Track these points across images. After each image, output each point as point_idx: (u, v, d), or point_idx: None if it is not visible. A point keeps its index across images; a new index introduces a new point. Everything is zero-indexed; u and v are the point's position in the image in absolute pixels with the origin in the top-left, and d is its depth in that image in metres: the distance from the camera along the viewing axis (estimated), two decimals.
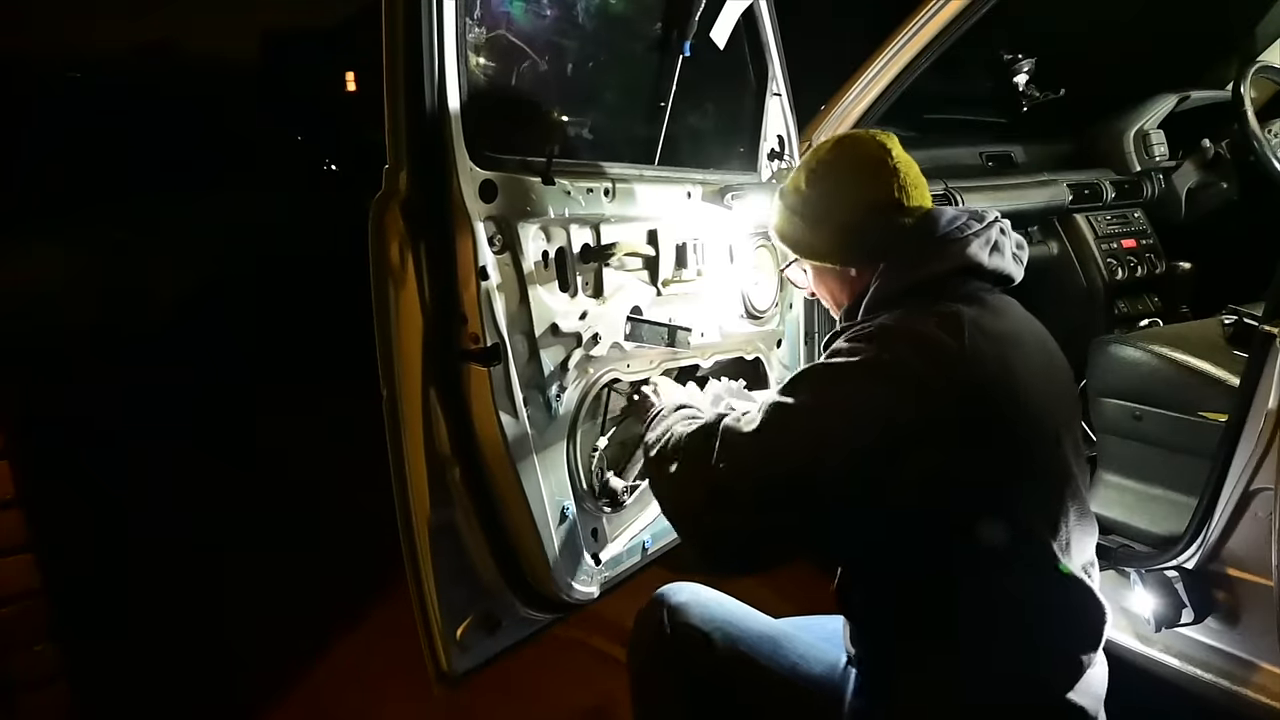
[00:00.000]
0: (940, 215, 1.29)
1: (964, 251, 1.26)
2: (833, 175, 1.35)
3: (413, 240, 1.28)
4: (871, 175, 1.31)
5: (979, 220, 1.30)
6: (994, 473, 1.16)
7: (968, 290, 1.26)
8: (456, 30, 1.27)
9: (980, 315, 1.21)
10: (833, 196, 1.34)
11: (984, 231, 1.29)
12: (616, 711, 2.18)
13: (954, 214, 1.30)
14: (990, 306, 1.25)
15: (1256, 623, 1.61)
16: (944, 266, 1.25)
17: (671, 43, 1.79)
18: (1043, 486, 1.20)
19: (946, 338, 1.16)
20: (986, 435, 1.15)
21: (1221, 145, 2.88)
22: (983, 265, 1.27)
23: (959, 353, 1.15)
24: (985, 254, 1.28)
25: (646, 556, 1.75)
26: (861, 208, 1.31)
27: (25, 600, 1.87)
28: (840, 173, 1.34)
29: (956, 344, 1.15)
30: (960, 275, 1.26)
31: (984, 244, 1.28)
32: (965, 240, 1.27)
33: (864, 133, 1.39)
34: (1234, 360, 1.82)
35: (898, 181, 1.31)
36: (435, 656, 1.41)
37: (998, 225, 1.32)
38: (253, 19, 7.66)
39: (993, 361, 1.17)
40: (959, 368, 1.14)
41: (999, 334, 1.21)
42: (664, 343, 1.70)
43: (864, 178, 1.32)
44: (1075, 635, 1.22)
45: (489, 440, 1.38)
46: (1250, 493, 1.54)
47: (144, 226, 4.96)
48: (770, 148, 2.09)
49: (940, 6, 2.10)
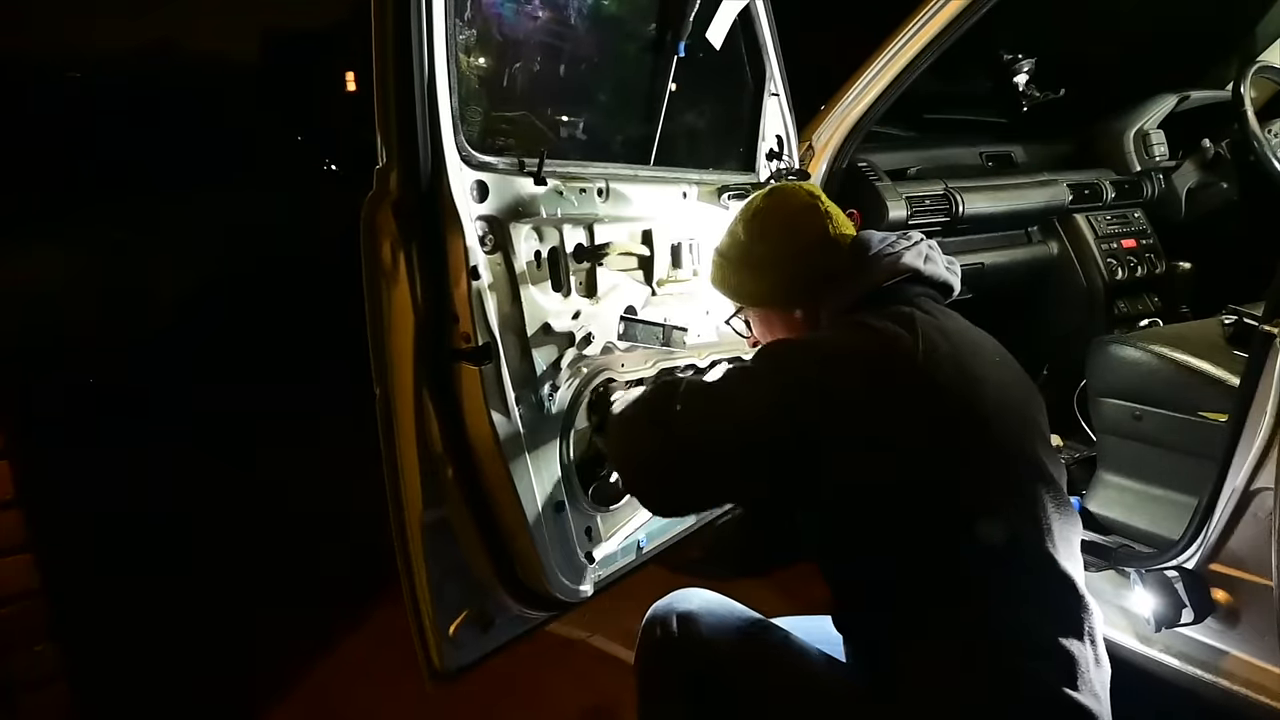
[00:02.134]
0: (869, 236, 1.40)
1: (899, 261, 1.36)
2: (771, 223, 1.45)
3: (404, 240, 1.28)
4: (806, 219, 1.43)
5: (906, 239, 1.41)
6: (960, 467, 1.20)
7: (912, 295, 1.34)
8: (447, 30, 1.27)
9: (930, 317, 1.29)
10: (772, 242, 1.44)
11: (914, 246, 1.39)
12: (616, 711, 2.17)
13: (880, 235, 1.41)
14: (937, 310, 1.34)
15: (1256, 623, 1.61)
16: (883, 275, 1.34)
17: (666, 43, 1.79)
18: (1013, 478, 1.23)
19: (903, 333, 1.23)
20: (953, 431, 1.20)
21: (1221, 145, 2.88)
22: (920, 270, 1.36)
23: (913, 347, 1.22)
24: (921, 261, 1.37)
25: (641, 555, 1.75)
26: (801, 250, 1.42)
27: (25, 600, 1.88)
28: (778, 220, 1.45)
29: (912, 338, 1.23)
30: (902, 282, 1.35)
31: (917, 254, 1.38)
32: (898, 253, 1.37)
33: (790, 184, 1.54)
34: (1234, 360, 1.82)
35: (830, 222, 1.43)
36: (428, 653, 1.41)
37: (925, 242, 1.43)
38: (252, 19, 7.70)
39: (948, 358, 1.23)
40: (917, 362, 1.21)
41: (951, 331, 1.29)
42: (659, 342, 1.70)
43: (800, 222, 1.43)
44: (1065, 628, 1.21)
45: (481, 439, 1.38)
46: (1250, 493, 1.54)
47: (144, 226, 4.98)
48: (769, 148, 2.08)
49: (940, 6, 2.09)
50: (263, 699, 2.23)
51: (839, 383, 1.20)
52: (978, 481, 1.21)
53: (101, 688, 2.12)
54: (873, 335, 1.25)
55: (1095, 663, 1.22)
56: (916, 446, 1.18)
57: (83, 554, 2.76)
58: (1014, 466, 1.24)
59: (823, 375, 1.21)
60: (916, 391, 1.20)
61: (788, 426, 1.18)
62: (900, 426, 1.18)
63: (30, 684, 1.89)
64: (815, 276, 1.39)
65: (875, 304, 1.32)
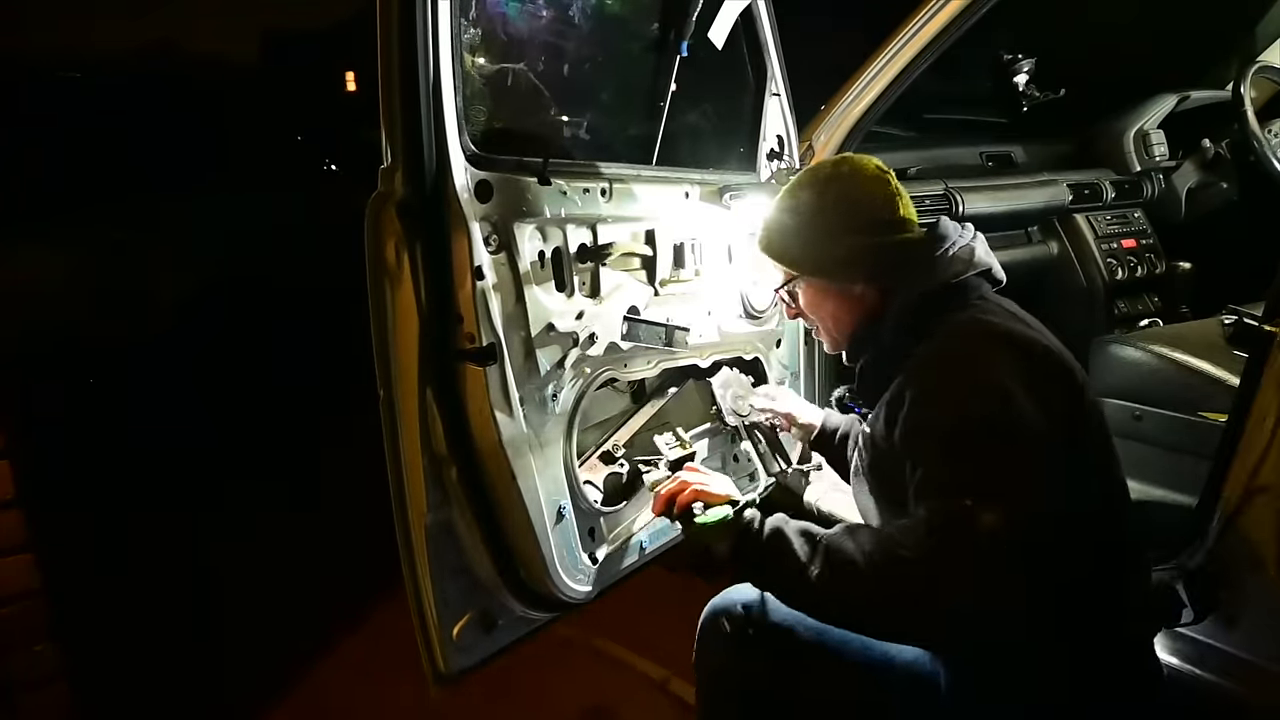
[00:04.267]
0: (947, 226, 1.40)
1: (973, 256, 1.36)
2: (843, 190, 1.40)
3: (408, 240, 1.28)
4: (882, 193, 1.39)
5: (968, 229, 1.42)
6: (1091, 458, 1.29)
7: (984, 292, 1.36)
8: (452, 30, 1.27)
9: (1009, 309, 1.34)
10: (845, 211, 1.38)
11: (977, 239, 1.41)
12: (617, 711, 2.18)
13: (954, 224, 1.42)
14: (1006, 302, 1.37)
15: (1256, 623, 1.61)
16: (958, 269, 1.34)
17: (669, 43, 1.79)
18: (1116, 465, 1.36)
19: (1026, 331, 1.28)
20: (1084, 420, 1.27)
21: (1221, 145, 2.88)
22: (991, 267, 1.39)
23: (1043, 345, 1.26)
24: (989, 257, 1.40)
25: (644, 556, 1.75)
26: (875, 223, 1.37)
27: (25, 600, 1.87)
28: (851, 189, 1.40)
29: (1035, 335, 1.28)
30: (975, 276, 1.36)
31: (985, 249, 1.40)
32: (970, 246, 1.38)
33: (860, 156, 1.46)
34: (1234, 360, 1.82)
35: (901, 202, 1.40)
36: (432, 656, 1.41)
37: (979, 234, 1.44)
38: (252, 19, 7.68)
39: (1058, 348, 1.29)
40: (1049, 358, 1.25)
41: (1032, 320, 1.34)
42: (661, 342, 1.70)
43: (875, 195, 1.39)
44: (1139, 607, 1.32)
45: (485, 440, 1.38)
46: (1250, 493, 1.54)
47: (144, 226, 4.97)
48: (769, 148, 2.08)
49: (940, 6, 2.09)
50: (263, 699, 2.23)
51: (1042, 380, 1.20)
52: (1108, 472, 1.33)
53: (101, 688, 2.12)
54: (1015, 334, 1.26)
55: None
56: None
57: (83, 554, 2.75)
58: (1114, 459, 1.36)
59: (1031, 377, 1.18)
60: (1074, 381, 1.27)
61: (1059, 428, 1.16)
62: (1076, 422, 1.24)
63: (30, 684, 1.89)
64: (888, 254, 1.36)
65: (947, 303, 1.32)
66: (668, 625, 1.83)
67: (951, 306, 1.31)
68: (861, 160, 1.43)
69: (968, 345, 1.25)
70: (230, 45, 7.56)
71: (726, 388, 1.83)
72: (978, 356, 1.22)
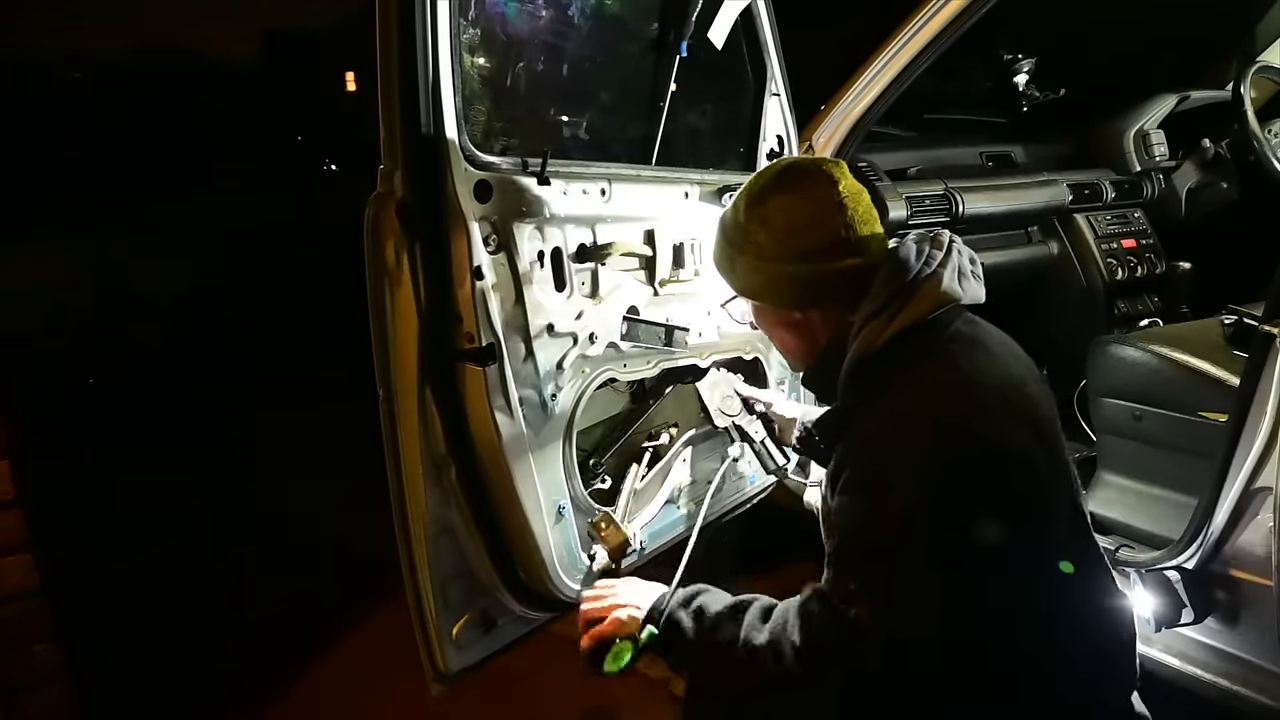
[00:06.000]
0: (905, 253, 1.23)
1: (939, 289, 1.20)
2: (774, 209, 1.25)
3: (408, 240, 1.28)
4: (817, 213, 1.23)
5: (940, 248, 1.25)
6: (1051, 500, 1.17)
7: (954, 328, 1.21)
8: (451, 30, 1.27)
9: (975, 354, 1.19)
10: (773, 234, 1.25)
11: (948, 260, 1.24)
12: (617, 711, 2.18)
13: (916, 248, 1.24)
14: (978, 339, 1.23)
15: (1256, 623, 1.61)
16: (924, 308, 1.19)
17: (668, 42, 1.79)
18: (1073, 497, 1.24)
19: (977, 383, 1.15)
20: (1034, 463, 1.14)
21: (1221, 145, 2.88)
22: (960, 299, 1.22)
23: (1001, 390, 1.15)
24: (958, 284, 1.22)
25: (643, 556, 1.74)
26: (806, 250, 1.24)
27: (25, 600, 1.88)
28: (782, 207, 1.25)
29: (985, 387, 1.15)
30: (945, 313, 1.21)
31: (953, 274, 1.23)
32: (936, 276, 1.21)
33: (809, 162, 1.31)
34: (1234, 360, 1.82)
35: (844, 219, 1.23)
36: (432, 655, 1.41)
37: (955, 248, 1.26)
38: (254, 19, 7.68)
39: (1009, 402, 1.16)
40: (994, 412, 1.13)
41: (999, 361, 1.21)
42: (661, 342, 1.70)
43: (815, 214, 1.23)
44: (1117, 634, 1.25)
45: (484, 440, 1.38)
46: (1250, 493, 1.54)
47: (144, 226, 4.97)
48: (769, 148, 2.08)
49: (940, 6, 2.09)
50: (263, 699, 2.23)
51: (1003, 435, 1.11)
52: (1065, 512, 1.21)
53: (101, 688, 2.12)
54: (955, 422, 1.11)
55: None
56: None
57: (83, 554, 2.75)
58: (1071, 490, 1.24)
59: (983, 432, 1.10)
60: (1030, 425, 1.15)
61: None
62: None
63: (30, 684, 1.89)
64: (826, 284, 1.24)
65: (913, 341, 1.18)
66: None
67: (911, 351, 1.18)
68: (803, 170, 1.28)
69: (906, 430, 1.11)
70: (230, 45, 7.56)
71: (714, 389, 1.80)
72: (913, 447, 1.08)
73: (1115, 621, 1.26)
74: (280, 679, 2.28)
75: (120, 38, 6.67)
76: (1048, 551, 1.13)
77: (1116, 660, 1.26)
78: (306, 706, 2.22)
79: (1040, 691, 1.14)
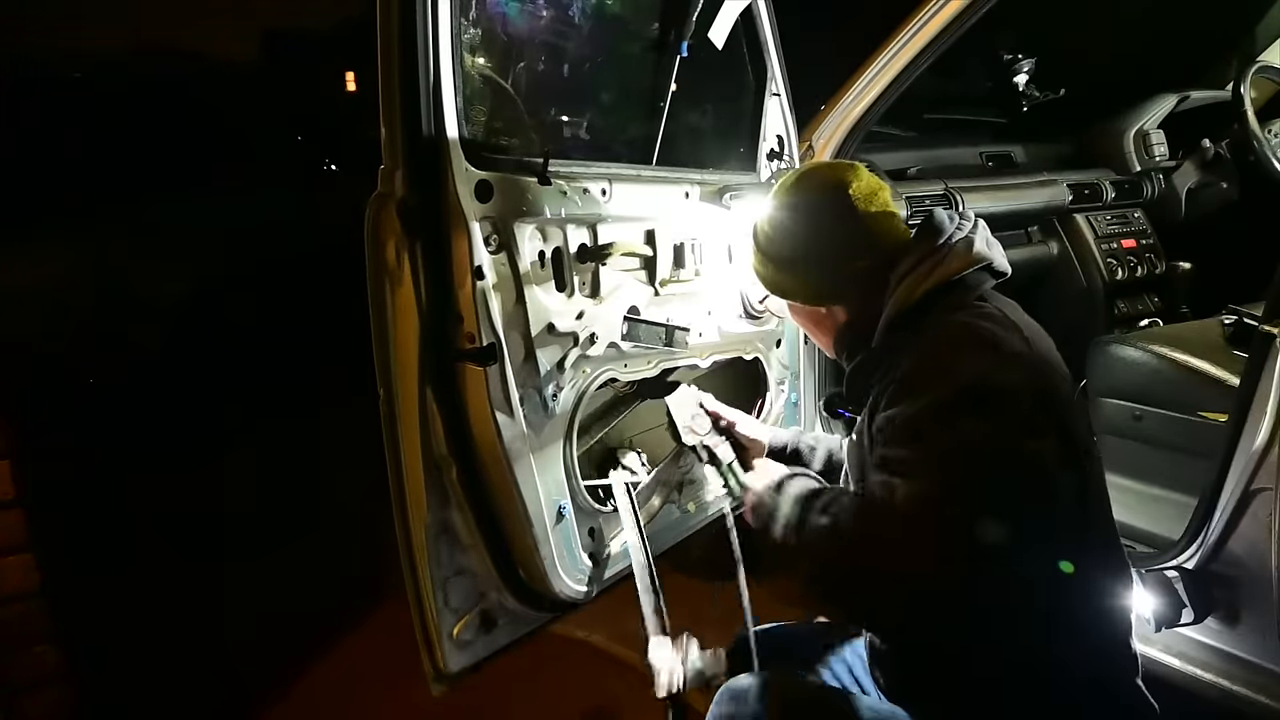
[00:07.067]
0: (940, 218, 1.30)
1: (972, 249, 1.26)
2: (792, 216, 1.34)
3: (408, 240, 1.28)
4: (831, 217, 1.30)
5: (967, 219, 1.31)
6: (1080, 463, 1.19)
7: (983, 291, 1.26)
8: (452, 30, 1.27)
9: (1009, 311, 1.23)
10: (791, 239, 1.34)
11: (977, 228, 1.30)
12: (617, 711, 2.18)
13: (949, 214, 1.31)
14: (1009, 302, 1.27)
15: (1256, 623, 1.61)
16: (958, 264, 1.24)
17: (669, 43, 1.79)
18: (1100, 473, 1.27)
19: (1013, 339, 1.16)
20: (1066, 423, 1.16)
21: (1221, 145, 2.88)
22: (992, 261, 1.27)
23: (1028, 352, 1.16)
24: (988, 249, 1.28)
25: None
26: (828, 255, 1.31)
27: (25, 600, 1.87)
28: (799, 214, 1.33)
29: (1023, 344, 1.16)
30: (974, 273, 1.26)
31: (984, 238, 1.29)
32: (969, 238, 1.27)
33: (825, 168, 1.39)
34: (1234, 360, 1.82)
35: (856, 223, 1.29)
36: (432, 655, 1.41)
37: (981, 222, 1.33)
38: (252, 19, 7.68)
39: (1049, 353, 1.21)
40: (1035, 365, 1.16)
41: (1027, 325, 1.23)
42: (661, 343, 1.70)
43: (823, 219, 1.31)
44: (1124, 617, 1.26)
45: (485, 440, 1.38)
46: (1250, 493, 1.54)
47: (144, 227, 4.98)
48: (769, 148, 2.08)
49: (940, 6, 2.09)
50: (263, 699, 2.23)
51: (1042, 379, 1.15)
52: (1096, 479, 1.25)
53: (102, 688, 2.12)
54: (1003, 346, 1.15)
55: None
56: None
57: (83, 554, 2.75)
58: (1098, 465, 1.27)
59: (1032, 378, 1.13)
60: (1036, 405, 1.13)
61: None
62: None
63: (30, 684, 1.89)
64: (846, 284, 1.31)
65: (946, 300, 1.23)
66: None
67: (945, 305, 1.23)
68: (823, 176, 1.35)
69: (952, 346, 1.17)
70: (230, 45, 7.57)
71: (683, 406, 1.71)
72: (960, 357, 1.15)
73: (1120, 598, 1.27)
74: (280, 679, 2.28)
75: (120, 38, 6.67)
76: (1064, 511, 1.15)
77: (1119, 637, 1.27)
78: (306, 706, 2.22)
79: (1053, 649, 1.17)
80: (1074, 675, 1.19)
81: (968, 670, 1.21)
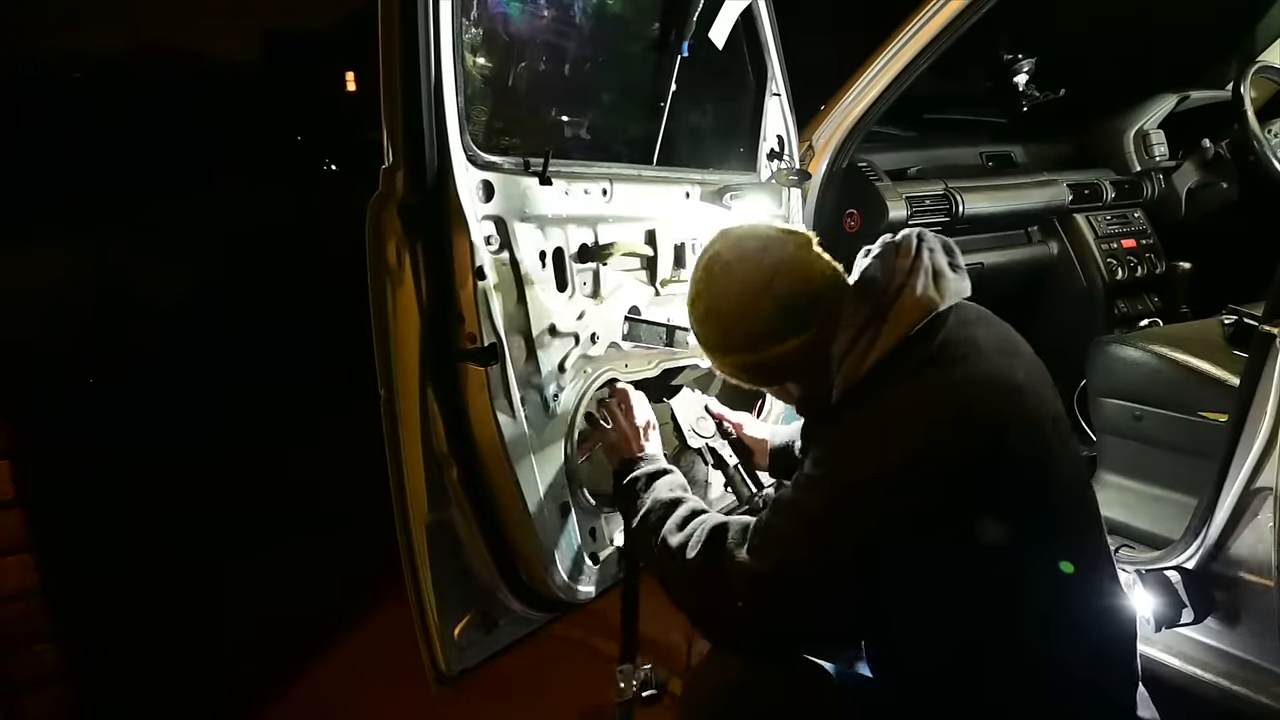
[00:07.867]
0: (870, 274, 1.19)
1: (915, 300, 1.13)
2: (707, 309, 1.28)
3: (410, 240, 1.28)
4: (744, 304, 1.22)
5: (907, 254, 1.17)
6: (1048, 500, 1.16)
7: (942, 338, 1.15)
8: (453, 30, 1.27)
9: (963, 365, 1.14)
10: (713, 331, 1.29)
11: (918, 265, 1.16)
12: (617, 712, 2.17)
13: (881, 263, 1.18)
14: (971, 341, 1.17)
15: (1256, 623, 1.61)
16: (902, 327, 1.13)
17: (669, 43, 1.79)
18: (1074, 501, 1.24)
19: (947, 413, 1.10)
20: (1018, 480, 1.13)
21: (1221, 145, 2.88)
22: (940, 305, 1.14)
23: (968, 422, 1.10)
24: (934, 289, 1.15)
25: None
26: (748, 341, 1.24)
27: (25, 599, 1.87)
28: (714, 305, 1.27)
29: (962, 410, 1.11)
30: (920, 330, 1.14)
31: (927, 279, 1.15)
32: (909, 287, 1.14)
33: (731, 249, 1.28)
34: (1234, 360, 1.82)
35: (774, 303, 1.20)
36: (433, 656, 1.41)
37: (926, 247, 1.19)
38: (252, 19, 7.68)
39: (1007, 393, 1.14)
40: (973, 436, 1.10)
41: (989, 365, 1.16)
42: (662, 343, 1.70)
43: (737, 307, 1.23)
44: (1118, 635, 1.25)
45: (486, 440, 1.39)
46: (1250, 493, 1.54)
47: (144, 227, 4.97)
48: (770, 148, 2.09)
49: (940, 6, 2.09)
50: (263, 699, 2.23)
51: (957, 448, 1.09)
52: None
53: (102, 687, 2.11)
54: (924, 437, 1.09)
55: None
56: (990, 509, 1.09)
57: (83, 554, 2.75)
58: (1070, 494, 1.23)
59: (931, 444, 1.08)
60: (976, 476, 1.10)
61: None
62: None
63: (30, 684, 1.89)
64: (781, 364, 1.24)
65: (900, 363, 1.13)
66: (668, 625, 1.82)
67: (894, 374, 1.12)
68: (727, 261, 1.25)
69: (879, 431, 1.11)
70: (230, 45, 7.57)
71: (687, 407, 1.71)
72: (876, 447, 1.10)
73: (1114, 624, 1.26)
74: (280, 679, 2.28)
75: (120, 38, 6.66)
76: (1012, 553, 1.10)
77: (1114, 660, 1.26)
78: (306, 706, 2.22)
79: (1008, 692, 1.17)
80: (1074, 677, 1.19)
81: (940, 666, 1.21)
